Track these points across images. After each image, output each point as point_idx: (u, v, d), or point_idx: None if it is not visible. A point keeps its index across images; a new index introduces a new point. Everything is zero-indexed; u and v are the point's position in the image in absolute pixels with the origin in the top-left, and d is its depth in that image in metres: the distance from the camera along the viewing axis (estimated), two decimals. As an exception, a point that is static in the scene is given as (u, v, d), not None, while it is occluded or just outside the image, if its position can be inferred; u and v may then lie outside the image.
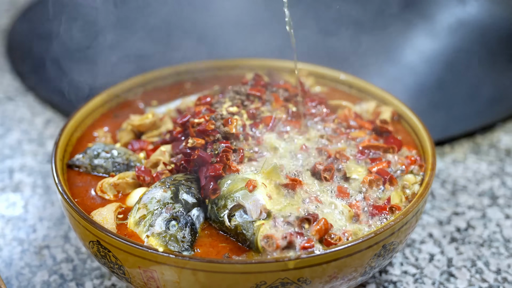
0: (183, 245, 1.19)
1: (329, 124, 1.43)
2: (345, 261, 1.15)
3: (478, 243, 1.51)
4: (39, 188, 1.69)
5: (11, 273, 1.44)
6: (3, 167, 1.77)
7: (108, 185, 1.32)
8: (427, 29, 2.28)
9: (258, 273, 1.11)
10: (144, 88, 1.64)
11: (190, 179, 1.29)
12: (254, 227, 1.18)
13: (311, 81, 1.65)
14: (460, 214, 1.60)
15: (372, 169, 1.30)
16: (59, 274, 1.44)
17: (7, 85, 2.14)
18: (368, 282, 1.41)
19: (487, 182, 1.70)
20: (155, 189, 1.26)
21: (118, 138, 1.47)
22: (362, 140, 1.39)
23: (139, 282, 1.19)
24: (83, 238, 1.25)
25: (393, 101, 1.53)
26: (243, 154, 1.31)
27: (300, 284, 1.14)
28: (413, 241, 1.51)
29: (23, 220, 1.59)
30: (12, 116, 1.98)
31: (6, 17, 2.55)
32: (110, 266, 1.21)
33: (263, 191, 1.22)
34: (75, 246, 1.51)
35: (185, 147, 1.31)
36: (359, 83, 1.61)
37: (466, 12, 2.31)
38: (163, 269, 1.13)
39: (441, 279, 1.42)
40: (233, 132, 1.32)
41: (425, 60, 2.16)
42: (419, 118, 1.47)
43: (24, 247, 1.51)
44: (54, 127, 1.92)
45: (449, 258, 1.47)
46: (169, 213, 1.22)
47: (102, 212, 1.25)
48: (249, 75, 1.64)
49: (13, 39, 2.37)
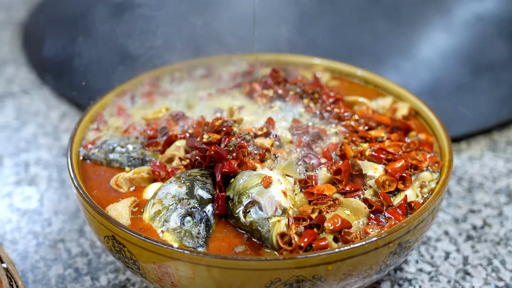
0: (198, 241, 1.18)
1: (348, 121, 1.41)
2: (360, 259, 1.14)
3: (494, 241, 1.50)
4: (55, 181, 1.70)
5: (26, 266, 1.44)
6: (18, 160, 1.77)
7: (123, 180, 1.32)
8: (444, 24, 2.26)
9: (273, 270, 1.10)
10: (158, 82, 1.64)
11: (205, 175, 1.28)
12: (270, 224, 1.17)
13: (327, 76, 1.64)
14: (477, 211, 1.58)
15: (388, 168, 1.29)
16: (74, 268, 1.44)
17: (23, 79, 2.15)
18: (383, 279, 1.40)
19: (504, 179, 1.68)
20: (170, 184, 1.26)
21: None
22: (381, 140, 1.38)
23: (153, 277, 1.19)
24: (98, 233, 1.25)
25: (410, 97, 1.52)
26: (264, 152, 1.30)
27: (315, 281, 1.13)
28: (429, 239, 1.50)
29: (39, 214, 1.59)
30: (27, 110, 1.99)
31: (23, 10, 2.56)
32: (125, 261, 1.22)
33: (278, 187, 1.22)
34: (90, 240, 1.51)
35: (201, 142, 1.30)
36: (375, 79, 1.60)
37: (483, 7, 2.28)
38: (178, 264, 1.13)
39: (457, 277, 1.41)
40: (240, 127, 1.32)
41: (441, 56, 2.15)
42: (435, 115, 1.45)
43: (39, 240, 1.51)
44: (70, 121, 1.93)
45: (465, 256, 1.46)
46: (184, 209, 1.22)
47: (117, 207, 1.25)
48: (266, 70, 1.63)
49: (29, 32, 2.38)
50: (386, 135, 1.40)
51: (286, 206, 1.20)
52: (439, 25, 2.26)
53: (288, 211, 1.20)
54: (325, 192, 1.23)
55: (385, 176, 1.26)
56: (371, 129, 1.42)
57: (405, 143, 1.35)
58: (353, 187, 1.26)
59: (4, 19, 2.52)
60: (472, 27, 2.23)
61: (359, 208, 1.21)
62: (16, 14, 2.54)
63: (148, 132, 1.42)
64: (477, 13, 2.26)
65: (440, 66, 2.11)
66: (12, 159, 1.78)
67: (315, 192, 1.23)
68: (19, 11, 2.56)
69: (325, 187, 1.24)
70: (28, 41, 2.33)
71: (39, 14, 2.47)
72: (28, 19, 2.46)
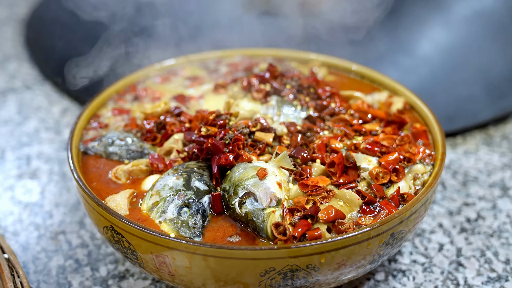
0: (195, 231, 1.21)
1: (343, 115, 1.44)
2: (353, 249, 1.16)
3: (487, 233, 1.52)
4: (56, 175, 1.72)
5: (28, 258, 1.47)
6: (20, 154, 1.80)
7: (122, 172, 1.34)
8: (443, 20, 2.28)
9: (268, 259, 1.13)
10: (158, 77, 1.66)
11: (202, 167, 1.31)
12: (264, 215, 1.20)
13: (324, 72, 1.67)
14: (471, 204, 1.61)
15: (382, 161, 1.31)
16: (74, 259, 1.47)
17: (25, 74, 2.18)
18: (377, 270, 1.43)
19: (498, 173, 1.70)
20: (168, 176, 1.29)
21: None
22: (376, 133, 1.40)
23: (151, 267, 1.22)
24: (97, 224, 1.28)
25: (404, 91, 1.55)
26: (264, 145, 1.33)
27: (309, 271, 1.16)
28: (423, 231, 1.53)
29: (40, 206, 1.62)
30: (29, 105, 2.02)
31: (25, 6, 2.59)
32: (124, 252, 1.24)
33: (273, 179, 1.24)
34: (90, 232, 1.54)
35: (198, 135, 1.33)
36: (371, 74, 1.63)
37: (482, 3, 2.30)
38: (175, 254, 1.16)
39: (450, 269, 1.43)
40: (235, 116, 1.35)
41: (440, 51, 2.16)
42: (430, 109, 1.48)
43: (40, 232, 1.54)
44: (71, 116, 1.96)
45: (458, 248, 1.49)
46: (181, 200, 1.24)
47: (116, 199, 1.27)
48: (262, 65, 1.66)
49: (31, 29, 2.41)
50: (380, 128, 1.42)
51: (281, 197, 1.23)
52: (439, 21, 2.27)
53: (283, 202, 1.22)
54: (319, 183, 1.25)
55: (379, 168, 1.29)
56: (366, 123, 1.44)
57: (399, 136, 1.38)
58: (347, 179, 1.28)
59: (6, 15, 2.55)
60: (471, 24, 2.25)
61: (352, 199, 1.24)
62: (18, 11, 2.57)
63: (147, 125, 1.45)
64: (476, 10, 2.28)
65: (438, 62, 2.13)
66: (14, 153, 1.81)
67: (309, 183, 1.25)
68: (22, 8, 2.58)
69: (319, 179, 1.26)
70: (30, 37, 2.36)
71: (41, 10, 2.50)
72: (30, 15, 2.49)
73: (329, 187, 1.26)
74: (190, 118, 1.45)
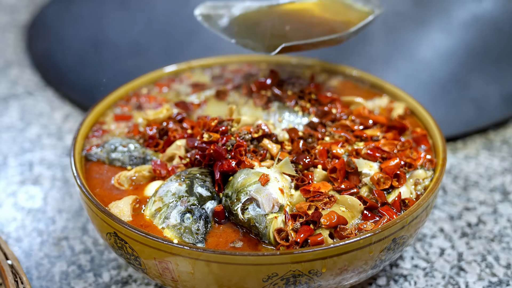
0: (197, 237, 1.22)
1: (344, 121, 1.44)
2: (355, 254, 1.17)
3: (488, 238, 1.53)
4: (58, 181, 1.73)
5: (31, 263, 1.48)
6: (23, 160, 1.81)
7: (125, 178, 1.35)
8: (442, 25, 2.28)
9: (270, 265, 1.14)
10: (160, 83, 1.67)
11: (205, 173, 1.32)
12: (267, 220, 1.21)
13: (325, 77, 1.68)
14: (472, 209, 1.61)
15: (383, 166, 1.32)
16: (77, 265, 1.48)
17: (27, 80, 2.18)
18: (379, 275, 1.44)
19: (499, 177, 1.71)
20: (171, 182, 1.30)
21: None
22: (377, 139, 1.41)
23: (154, 273, 1.23)
24: (100, 230, 1.29)
25: (405, 97, 1.55)
26: (266, 152, 1.34)
27: (311, 276, 1.16)
28: (424, 236, 1.54)
29: (43, 212, 1.63)
30: (32, 111, 2.02)
31: (26, 13, 2.60)
32: (127, 257, 1.25)
33: (275, 185, 1.25)
34: (93, 238, 1.55)
35: (201, 141, 1.34)
36: (372, 79, 1.64)
37: (481, 8, 2.30)
38: (178, 260, 1.16)
39: (451, 273, 1.44)
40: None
41: (439, 56, 2.17)
42: (430, 114, 1.48)
43: (43, 238, 1.55)
44: (73, 122, 1.96)
45: (460, 252, 1.49)
46: (184, 206, 1.25)
47: (119, 205, 1.28)
48: (264, 71, 1.66)
49: (32, 35, 2.41)
50: (381, 134, 1.43)
51: (283, 203, 1.24)
52: (438, 26, 2.28)
53: (285, 208, 1.23)
54: (321, 189, 1.26)
55: (380, 173, 1.30)
56: (367, 128, 1.45)
57: (400, 142, 1.39)
58: (349, 184, 1.29)
59: (8, 21, 2.56)
60: (470, 28, 2.25)
61: (354, 205, 1.25)
62: (20, 17, 2.58)
63: (149, 132, 1.45)
64: (475, 14, 2.28)
65: (438, 67, 2.13)
66: (17, 159, 1.81)
67: (311, 189, 1.26)
68: (23, 14, 2.59)
69: (321, 185, 1.27)
70: (32, 43, 2.37)
71: (42, 17, 2.51)
72: (31, 21, 2.50)
73: (331, 192, 1.27)
74: (192, 124, 1.46)
